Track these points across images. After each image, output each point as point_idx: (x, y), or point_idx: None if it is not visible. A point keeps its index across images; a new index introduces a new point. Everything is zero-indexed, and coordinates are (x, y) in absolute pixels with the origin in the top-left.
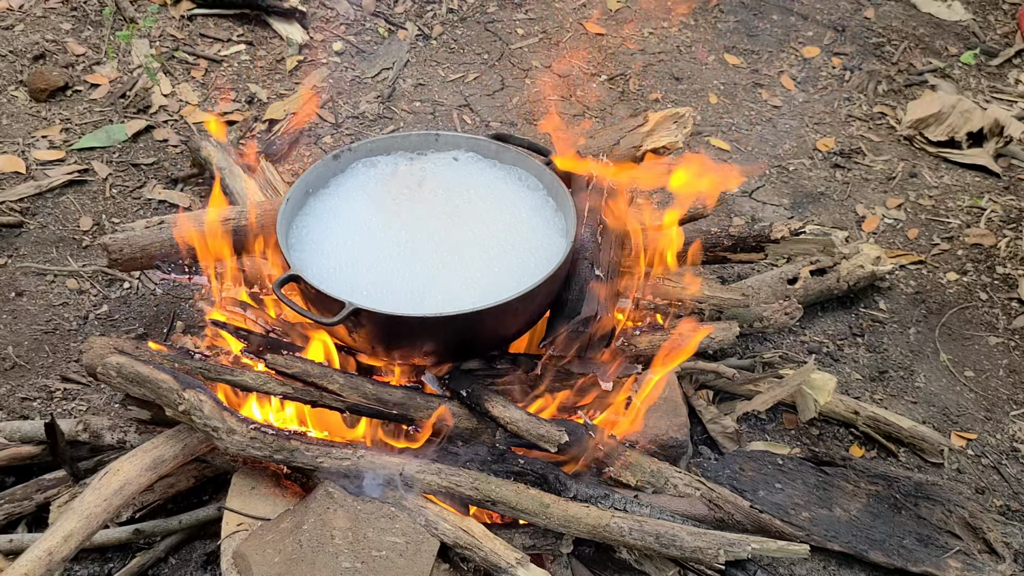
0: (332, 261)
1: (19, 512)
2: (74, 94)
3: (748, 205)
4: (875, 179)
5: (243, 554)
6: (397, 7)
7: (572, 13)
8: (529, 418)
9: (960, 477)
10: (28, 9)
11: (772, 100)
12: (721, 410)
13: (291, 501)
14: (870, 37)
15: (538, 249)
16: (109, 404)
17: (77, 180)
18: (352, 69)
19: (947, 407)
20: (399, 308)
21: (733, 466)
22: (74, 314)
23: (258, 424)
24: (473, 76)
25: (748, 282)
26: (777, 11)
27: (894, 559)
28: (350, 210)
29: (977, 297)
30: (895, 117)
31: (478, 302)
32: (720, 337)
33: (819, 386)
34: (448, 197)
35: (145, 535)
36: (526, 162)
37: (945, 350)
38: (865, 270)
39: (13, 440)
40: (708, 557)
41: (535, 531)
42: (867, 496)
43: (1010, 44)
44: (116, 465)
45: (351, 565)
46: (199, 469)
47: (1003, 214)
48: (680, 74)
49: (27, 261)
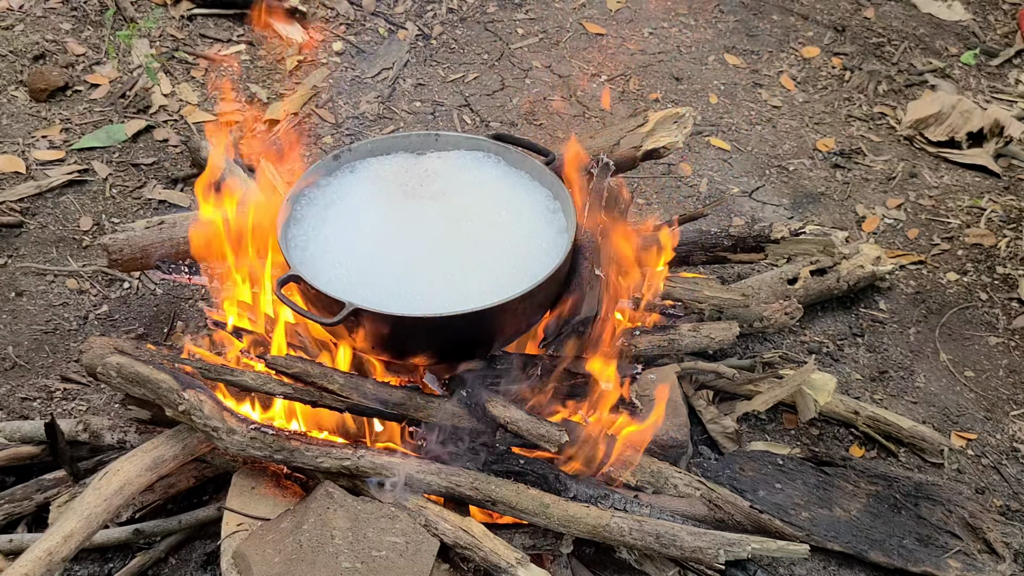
0: (332, 261)
1: (19, 512)
2: (74, 94)
3: (748, 205)
4: (875, 179)
5: (243, 554)
6: (397, 7)
7: (572, 13)
8: (529, 418)
9: (960, 477)
10: (28, 9)
11: (772, 100)
12: (721, 410)
13: (291, 501)
14: (870, 37)
15: (538, 249)
16: (109, 404)
17: (77, 180)
18: (352, 69)
19: (947, 407)
20: (399, 308)
21: (733, 466)
22: (74, 314)
23: (258, 424)
24: (473, 76)
25: (748, 282)
26: (777, 11)
27: (894, 559)
28: (350, 210)
29: (977, 297)
30: (895, 117)
31: (478, 302)
32: (720, 337)
33: (819, 386)
34: (448, 197)
35: (145, 535)
36: (526, 162)
37: (945, 350)
38: (865, 270)
39: (13, 440)
40: (708, 557)
41: (535, 531)
42: (867, 496)
43: (1010, 44)
44: (116, 465)
45: (351, 565)
46: (199, 469)
47: (1003, 214)
48: (680, 74)
49: (27, 261)
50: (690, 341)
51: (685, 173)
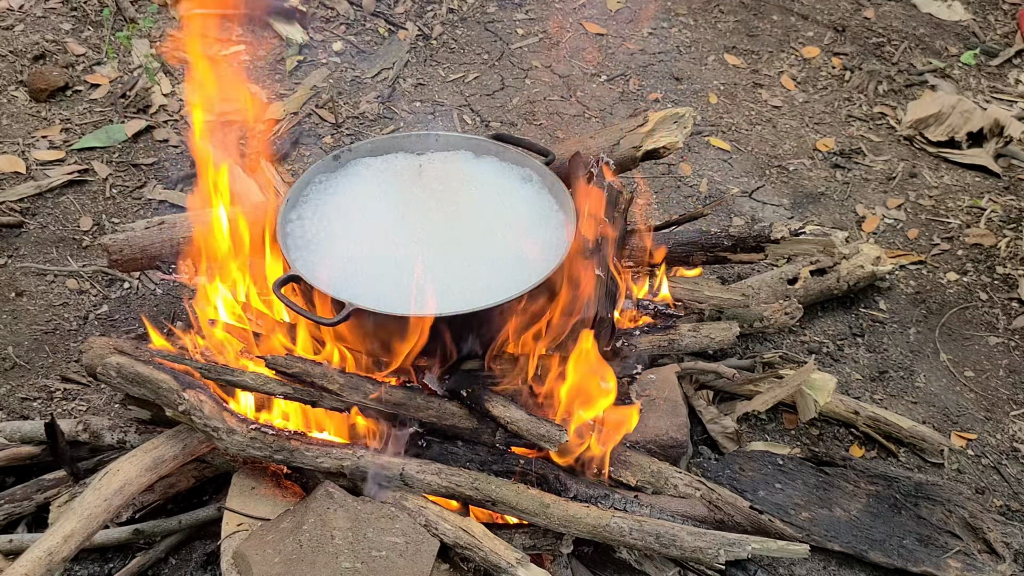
0: (332, 261)
1: (19, 512)
2: (74, 94)
3: (748, 205)
4: (875, 179)
5: (243, 554)
6: (397, 7)
7: (572, 13)
8: (529, 418)
9: (960, 477)
10: (28, 9)
11: (772, 100)
12: (721, 410)
13: (291, 501)
14: (870, 37)
15: (538, 249)
16: (109, 404)
17: (77, 180)
18: (352, 69)
19: (947, 407)
20: (399, 308)
21: (733, 466)
22: (74, 314)
23: (258, 424)
24: (473, 76)
25: (748, 282)
26: (777, 11)
27: (894, 559)
28: (350, 211)
29: (977, 297)
30: (895, 117)
31: (478, 302)
32: (720, 337)
33: (819, 386)
34: (448, 197)
35: (145, 535)
36: (526, 162)
37: (945, 350)
38: (865, 270)
39: (13, 440)
40: (708, 557)
41: (535, 531)
42: (867, 496)
43: (1010, 44)
44: (116, 465)
45: (351, 565)
46: (199, 469)
47: (1003, 214)
48: (680, 74)
49: (27, 261)
50: (690, 341)
51: (685, 173)
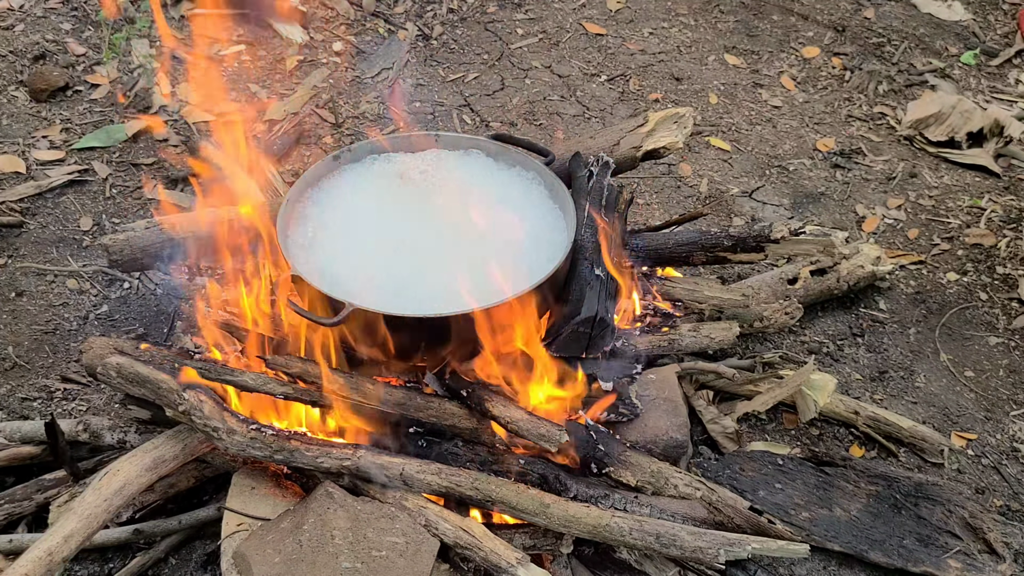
0: (332, 261)
1: (19, 512)
2: (74, 94)
3: (748, 205)
4: (875, 179)
5: (243, 554)
6: (397, 7)
7: (572, 13)
8: (529, 418)
9: (960, 477)
10: (28, 9)
11: (772, 100)
12: (721, 410)
13: (291, 501)
14: (870, 37)
15: (538, 249)
16: (109, 404)
17: (77, 180)
18: (352, 69)
19: (947, 407)
20: (399, 308)
21: (733, 466)
22: (74, 314)
23: (258, 424)
24: (473, 76)
25: (748, 282)
26: (777, 11)
27: (894, 559)
28: (350, 211)
29: (977, 297)
30: (895, 117)
31: (478, 302)
32: (720, 337)
33: (819, 386)
34: (448, 197)
35: (145, 535)
36: (526, 162)
37: (945, 350)
38: (865, 270)
39: (13, 440)
40: (708, 557)
41: (535, 531)
42: (867, 496)
43: (1010, 44)
44: (116, 465)
45: (351, 565)
46: (199, 469)
47: (1003, 214)
48: (680, 74)
49: (27, 261)
50: (690, 341)
51: (685, 173)
